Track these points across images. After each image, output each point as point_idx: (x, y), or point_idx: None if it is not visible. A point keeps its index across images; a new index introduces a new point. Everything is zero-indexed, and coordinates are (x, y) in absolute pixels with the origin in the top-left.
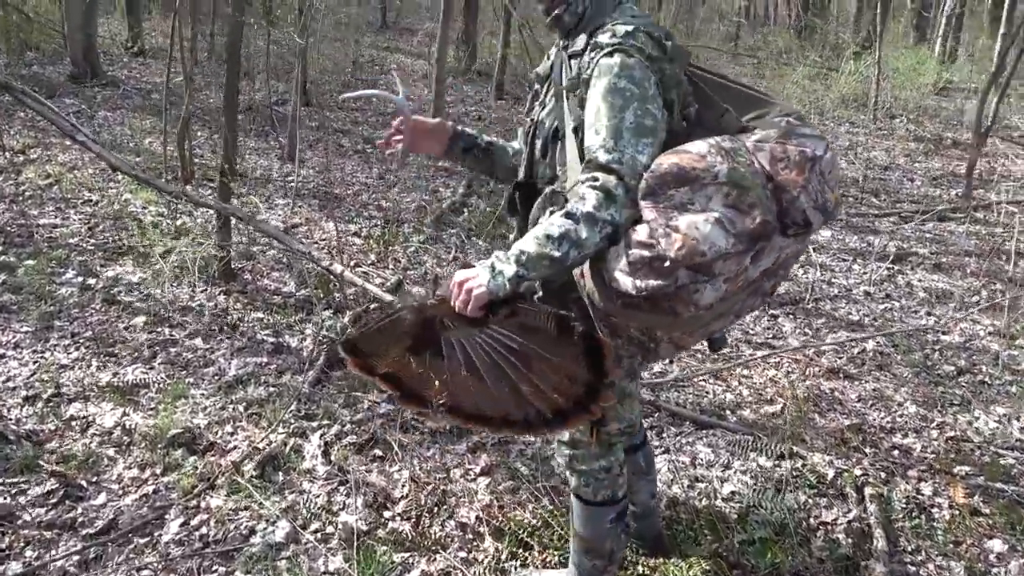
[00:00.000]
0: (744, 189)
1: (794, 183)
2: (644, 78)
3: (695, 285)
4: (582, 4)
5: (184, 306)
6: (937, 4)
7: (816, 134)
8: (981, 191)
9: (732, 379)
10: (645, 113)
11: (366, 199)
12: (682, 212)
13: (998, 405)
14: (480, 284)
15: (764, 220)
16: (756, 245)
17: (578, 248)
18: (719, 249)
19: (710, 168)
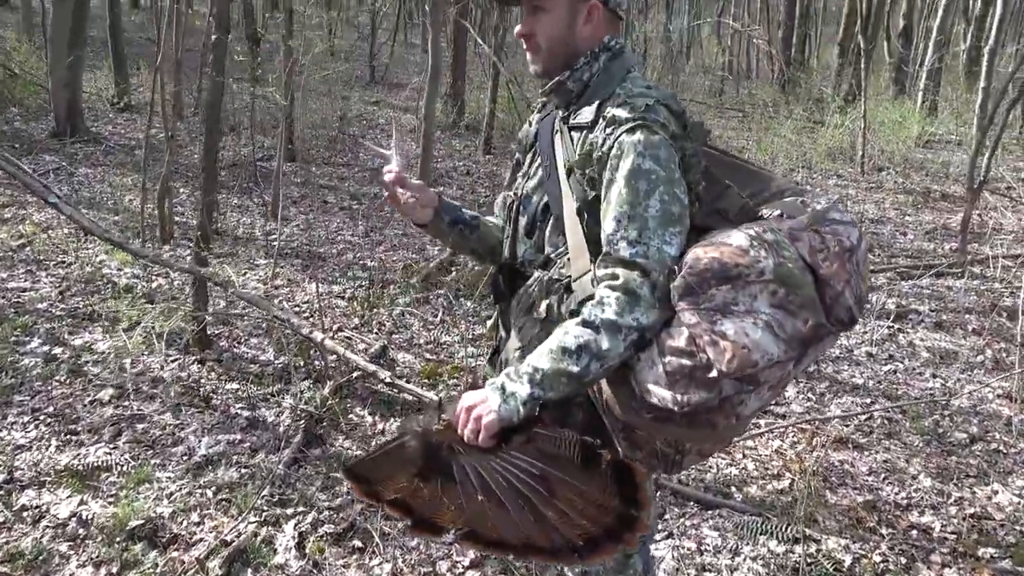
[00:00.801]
0: (792, 287)
1: (838, 277)
2: (669, 158)
3: (740, 396)
4: (588, 71)
5: (155, 376)
6: (915, 59)
7: (847, 219)
8: (975, 245)
9: (736, 452)
10: (672, 198)
11: (351, 258)
12: (726, 315)
13: (1016, 476)
14: (490, 410)
15: (817, 324)
16: (808, 349)
17: (600, 360)
18: (771, 357)
19: (754, 263)
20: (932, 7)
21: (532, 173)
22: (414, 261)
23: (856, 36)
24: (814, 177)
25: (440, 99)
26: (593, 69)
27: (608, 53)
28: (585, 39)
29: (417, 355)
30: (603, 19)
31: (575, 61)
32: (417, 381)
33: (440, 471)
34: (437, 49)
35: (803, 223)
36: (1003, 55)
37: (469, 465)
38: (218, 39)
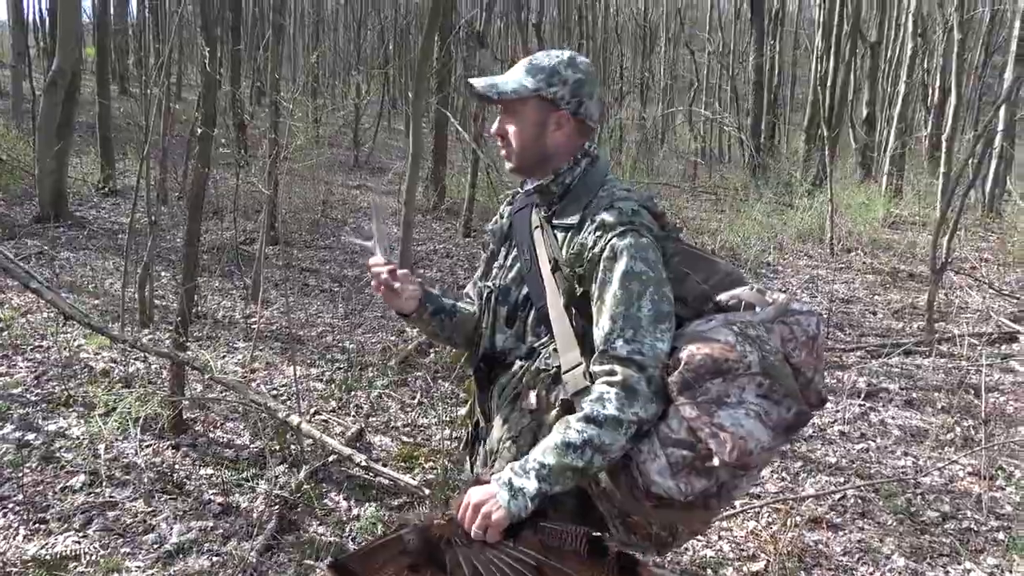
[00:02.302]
0: (776, 379)
1: (807, 364)
2: (657, 260)
3: (735, 481)
4: (571, 175)
5: (129, 462)
6: (880, 145)
7: (806, 309)
8: (942, 323)
9: (712, 533)
10: (662, 297)
11: (330, 340)
12: (720, 407)
13: (988, 555)
14: (499, 506)
15: (799, 411)
16: (793, 435)
17: (603, 454)
18: (763, 444)
19: (742, 358)
20: (893, 97)
21: (509, 265)
22: (392, 343)
23: (820, 125)
24: (786, 257)
25: (421, 183)
26: (575, 173)
27: (588, 159)
28: (556, 145)
29: (394, 438)
30: (573, 128)
31: (554, 165)
32: (394, 464)
33: (433, 563)
34: (418, 136)
35: (771, 315)
36: (962, 141)
37: (464, 558)
38: (204, 132)
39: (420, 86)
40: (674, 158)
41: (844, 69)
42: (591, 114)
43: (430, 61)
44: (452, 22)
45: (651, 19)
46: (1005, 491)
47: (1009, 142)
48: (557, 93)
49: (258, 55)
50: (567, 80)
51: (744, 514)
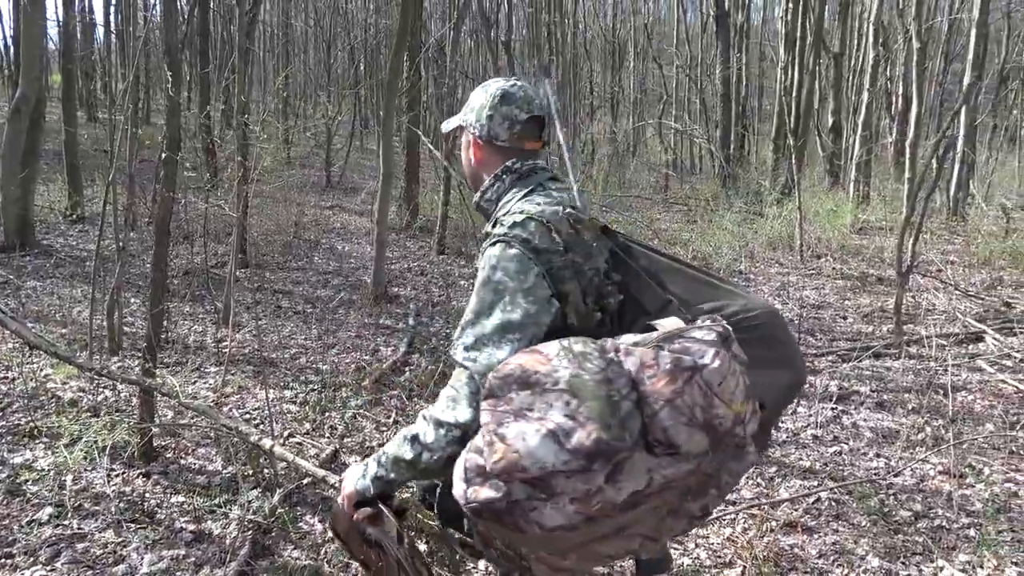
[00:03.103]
0: (583, 399)
1: (658, 395)
2: (522, 270)
3: (532, 503)
4: (495, 192)
5: (98, 492)
6: (847, 152)
7: (709, 338)
8: (911, 325)
9: (688, 541)
10: (515, 307)
11: (304, 362)
12: (517, 419)
13: (960, 552)
14: (349, 482)
15: (598, 438)
16: (595, 464)
17: (427, 452)
18: (544, 465)
19: (552, 372)
20: (857, 105)
21: None
22: (367, 363)
23: (787, 135)
24: (757, 265)
25: (394, 202)
26: (499, 190)
27: (513, 175)
28: (478, 165)
29: None
30: (485, 149)
31: (481, 184)
32: None
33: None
34: (389, 155)
35: (650, 339)
36: (925, 147)
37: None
38: (168, 156)
39: (390, 105)
40: (646, 171)
41: (809, 79)
42: (496, 134)
43: (399, 80)
44: (421, 41)
45: (619, 35)
46: (975, 488)
47: (970, 147)
48: (468, 120)
49: (226, 78)
50: (475, 106)
51: (720, 521)
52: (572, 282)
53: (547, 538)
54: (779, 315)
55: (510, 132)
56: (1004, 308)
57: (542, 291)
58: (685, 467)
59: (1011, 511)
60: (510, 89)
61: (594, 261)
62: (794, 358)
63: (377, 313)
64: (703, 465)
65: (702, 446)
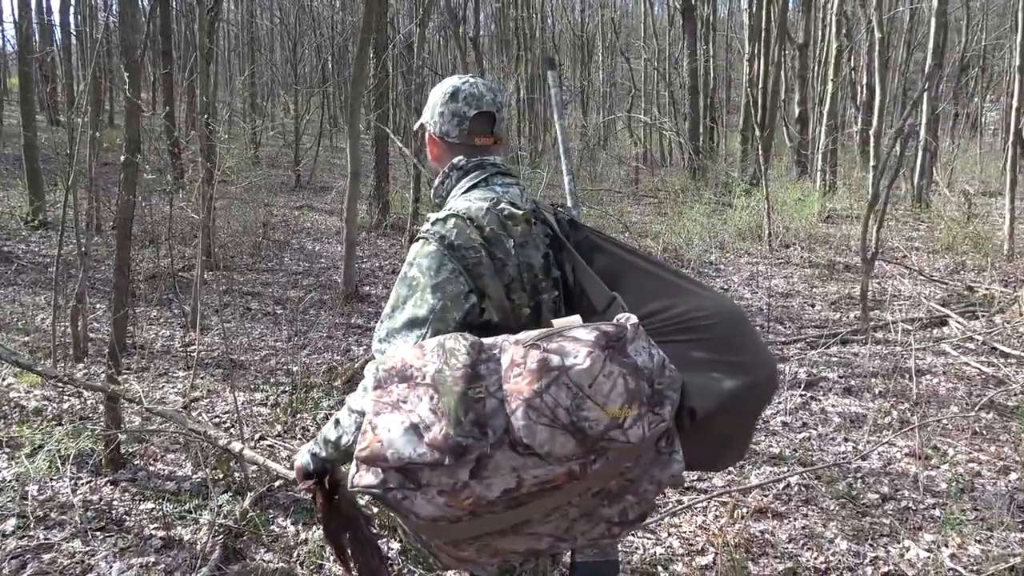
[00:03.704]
0: (441, 394)
1: (516, 393)
2: (435, 266)
3: (402, 491)
4: (443, 188)
5: (64, 502)
6: (813, 142)
7: (588, 338)
8: (877, 312)
9: (661, 531)
10: (423, 303)
11: (274, 364)
12: (392, 410)
13: (925, 532)
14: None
15: (446, 433)
16: (446, 459)
17: (345, 434)
18: (401, 456)
19: (423, 367)
20: (823, 96)
21: None
22: (339, 363)
23: (754, 126)
24: (727, 256)
25: (364, 200)
26: (448, 187)
27: (459, 171)
28: (437, 161)
29: None
30: (440, 146)
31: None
32: None
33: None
34: (356, 153)
35: (531, 337)
36: (890, 135)
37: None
38: (127, 159)
39: (356, 102)
40: (616, 164)
41: (775, 71)
42: (446, 131)
43: (366, 77)
44: (388, 37)
45: (588, 29)
46: (940, 469)
47: (932, 135)
48: (426, 118)
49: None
50: (431, 104)
51: (692, 509)
52: (493, 278)
53: (432, 528)
54: (739, 317)
55: (459, 128)
56: (967, 292)
57: (454, 287)
58: (558, 469)
59: (974, 490)
60: (460, 86)
61: (525, 256)
62: (751, 362)
63: (348, 312)
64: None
65: (567, 448)
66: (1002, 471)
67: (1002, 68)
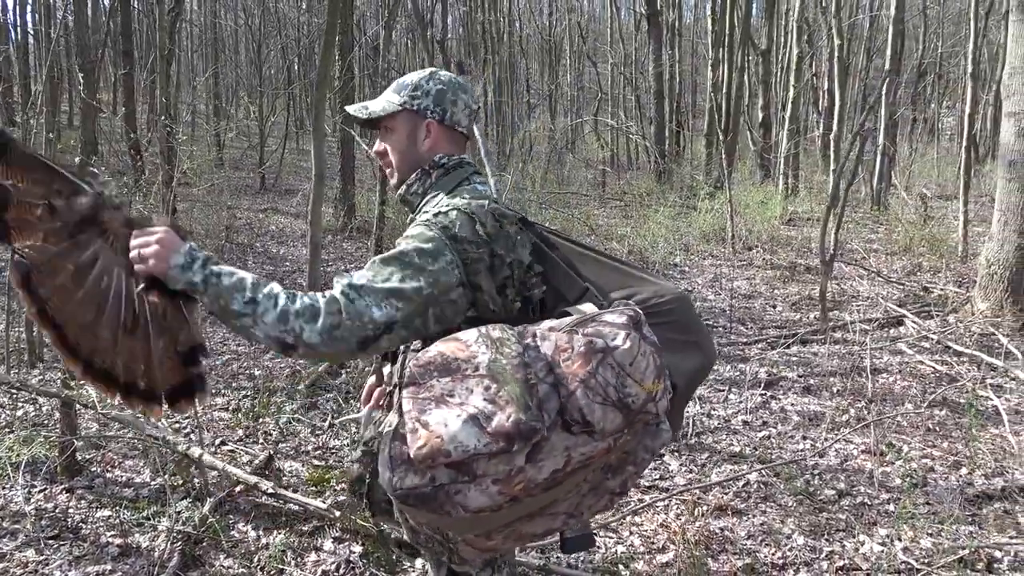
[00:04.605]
0: (501, 383)
1: (572, 376)
2: (434, 253)
3: (455, 486)
4: (422, 186)
5: (17, 511)
6: (775, 146)
7: (620, 321)
8: (836, 312)
9: (623, 529)
10: (411, 281)
11: (236, 368)
12: (439, 405)
13: (880, 526)
14: (167, 262)
15: (517, 419)
16: (515, 445)
17: (253, 322)
18: (467, 449)
19: (472, 358)
20: (785, 100)
21: None
22: (302, 367)
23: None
24: (691, 258)
25: (330, 203)
26: (425, 184)
27: (440, 170)
28: (426, 153)
29: (305, 462)
30: (440, 135)
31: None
32: (304, 489)
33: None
34: (320, 155)
35: (564, 324)
36: (848, 139)
37: (105, 259)
38: (83, 161)
39: (320, 104)
40: (583, 167)
41: (738, 76)
42: (459, 120)
43: (331, 79)
44: (354, 39)
45: (555, 33)
46: (894, 465)
47: (891, 139)
48: (422, 104)
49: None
50: (429, 91)
51: (654, 507)
52: (487, 275)
53: (473, 520)
54: (688, 300)
55: (468, 120)
56: (923, 292)
57: (446, 277)
58: (601, 444)
59: (927, 485)
60: (462, 81)
61: (516, 253)
62: (704, 341)
63: None
64: (619, 442)
65: (616, 423)
66: (953, 466)
67: (957, 75)
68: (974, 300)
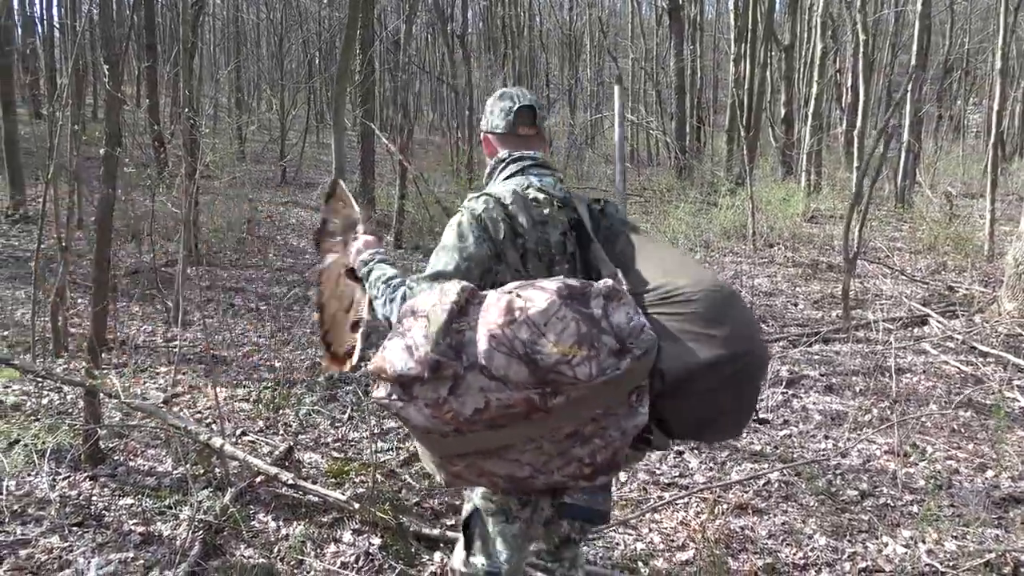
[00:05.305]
0: (431, 323)
1: (485, 325)
2: (464, 233)
3: (400, 402)
4: (488, 178)
5: (43, 498)
6: (798, 142)
7: (551, 287)
8: (859, 311)
9: (642, 526)
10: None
11: (257, 360)
12: (395, 336)
13: (903, 528)
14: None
15: (427, 351)
16: (426, 373)
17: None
18: (396, 369)
19: (424, 304)
20: (808, 97)
21: None
22: (322, 359)
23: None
24: (712, 255)
25: None
26: (492, 176)
27: (502, 164)
28: (488, 157)
29: (324, 454)
30: (491, 141)
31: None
32: (324, 481)
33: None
34: (341, 149)
35: (511, 286)
36: (872, 136)
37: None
38: (107, 153)
39: (340, 98)
40: (603, 163)
41: (760, 71)
42: (495, 124)
43: (351, 73)
44: (375, 33)
45: (575, 28)
46: (918, 466)
47: (916, 136)
48: (482, 125)
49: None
50: (485, 111)
51: (674, 505)
52: (511, 246)
53: (428, 440)
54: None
55: (506, 120)
56: (947, 292)
57: (479, 250)
58: (516, 395)
59: (952, 487)
60: (507, 89)
61: (544, 233)
62: (730, 337)
63: None
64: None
65: (521, 375)
66: (979, 468)
67: (984, 71)
68: (1001, 300)
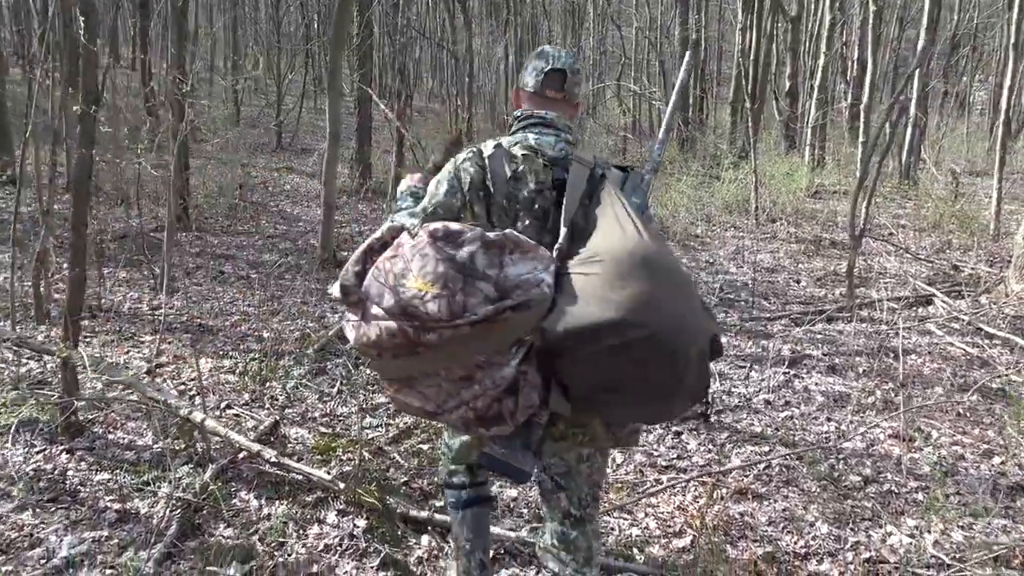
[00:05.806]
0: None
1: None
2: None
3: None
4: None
5: (17, 471)
6: (803, 116)
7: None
8: (863, 289)
9: (638, 511)
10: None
11: (245, 330)
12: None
13: (908, 516)
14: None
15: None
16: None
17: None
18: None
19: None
20: (814, 69)
21: None
22: (312, 330)
23: (744, 98)
24: (713, 229)
25: (346, 163)
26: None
27: (517, 121)
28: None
29: (311, 429)
30: (519, 97)
31: None
32: (310, 458)
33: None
34: (336, 114)
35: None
36: (879, 111)
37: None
38: (84, 111)
39: (336, 61)
40: (604, 133)
41: (767, 43)
42: (525, 82)
43: (347, 36)
44: None
45: None
46: (923, 452)
47: (922, 112)
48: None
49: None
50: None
51: (671, 489)
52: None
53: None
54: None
55: (535, 79)
56: (953, 271)
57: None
58: (392, 325)
59: (958, 474)
60: (546, 48)
61: (515, 188)
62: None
63: (324, 278)
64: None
65: (389, 303)
66: (985, 454)
67: (992, 47)
68: (1008, 281)
